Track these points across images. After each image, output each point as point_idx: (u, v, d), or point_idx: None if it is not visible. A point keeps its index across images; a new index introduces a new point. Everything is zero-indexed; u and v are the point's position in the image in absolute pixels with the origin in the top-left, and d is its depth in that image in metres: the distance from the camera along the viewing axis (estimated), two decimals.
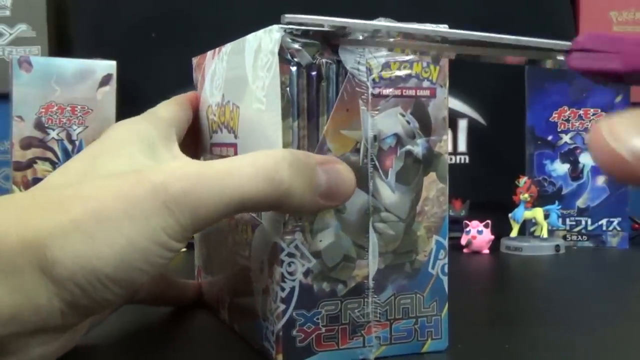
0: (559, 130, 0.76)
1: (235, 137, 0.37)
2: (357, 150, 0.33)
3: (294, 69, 0.31)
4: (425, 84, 0.34)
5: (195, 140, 0.43)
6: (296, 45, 0.31)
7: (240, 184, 0.29)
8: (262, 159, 0.30)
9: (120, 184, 0.29)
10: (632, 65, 0.29)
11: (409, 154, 0.34)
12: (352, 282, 0.33)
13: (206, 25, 0.80)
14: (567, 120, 0.75)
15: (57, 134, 0.73)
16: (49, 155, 0.73)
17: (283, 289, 0.32)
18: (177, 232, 0.28)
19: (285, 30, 0.31)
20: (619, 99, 0.74)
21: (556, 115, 0.75)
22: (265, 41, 0.32)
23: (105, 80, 0.75)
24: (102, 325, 0.38)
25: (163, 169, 0.29)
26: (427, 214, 0.34)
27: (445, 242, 0.35)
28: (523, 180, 0.72)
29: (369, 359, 0.34)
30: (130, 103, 0.79)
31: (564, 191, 0.76)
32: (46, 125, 0.73)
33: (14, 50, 0.82)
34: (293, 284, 0.32)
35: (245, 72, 0.35)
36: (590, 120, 0.74)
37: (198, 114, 0.42)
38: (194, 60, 0.44)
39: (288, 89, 0.31)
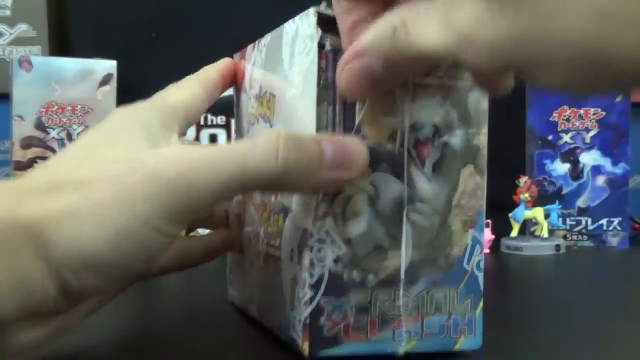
0: (559, 129, 0.76)
1: (271, 125, 0.36)
2: (394, 139, 0.32)
3: (331, 54, 0.31)
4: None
5: None
6: (332, 31, 0.31)
7: (235, 160, 0.29)
8: (258, 139, 0.30)
9: (116, 169, 0.29)
10: None
11: (446, 145, 0.33)
12: (383, 273, 0.32)
13: (206, 25, 0.79)
14: (568, 120, 0.75)
15: (58, 134, 0.73)
16: (49, 154, 0.73)
17: (312, 275, 0.31)
18: (173, 215, 0.28)
19: (320, 15, 0.31)
20: (619, 98, 0.74)
21: (556, 115, 0.75)
22: (303, 27, 0.32)
23: (105, 80, 0.74)
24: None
25: (158, 155, 0.30)
26: (464, 208, 0.33)
27: (482, 238, 0.34)
28: (523, 180, 0.72)
29: (399, 353, 0.33)
30: (131, 103, 0.79)
31: (564, 191, 0.76)
32: (46, 125, 0.73)
33: (14, 50, 0.82)
34: (322, 271, 0.31)
35: (282, 60, 0.35)
36: (590, 120, 0.74)
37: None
38: (235, 57, 0.44)
39: (324, 74, 0.31)
